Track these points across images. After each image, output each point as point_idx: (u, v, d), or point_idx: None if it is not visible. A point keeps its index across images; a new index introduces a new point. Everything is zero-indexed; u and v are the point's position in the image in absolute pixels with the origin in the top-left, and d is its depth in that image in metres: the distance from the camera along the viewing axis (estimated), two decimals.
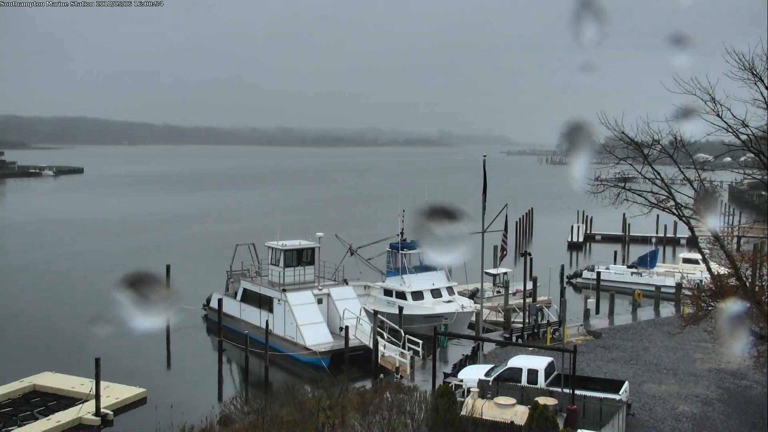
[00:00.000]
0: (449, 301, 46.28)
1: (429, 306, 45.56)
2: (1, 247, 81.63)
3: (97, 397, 31.21)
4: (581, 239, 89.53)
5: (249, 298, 47.17)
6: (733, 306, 25.13)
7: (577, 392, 26.89)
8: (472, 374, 31.01)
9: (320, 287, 45.03)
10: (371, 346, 39.12)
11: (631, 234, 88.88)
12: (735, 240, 46.83)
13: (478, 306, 44.41)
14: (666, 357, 37.48)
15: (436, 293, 47.03)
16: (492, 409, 25.92)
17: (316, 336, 41.65)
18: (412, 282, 47.17)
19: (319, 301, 44.02)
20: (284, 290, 43.79)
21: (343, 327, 40.57)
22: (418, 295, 46.51)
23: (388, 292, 47.88)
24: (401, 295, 46.54)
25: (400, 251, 48.38)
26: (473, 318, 44.95)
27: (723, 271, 29.79)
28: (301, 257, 46.44)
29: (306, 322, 42.16)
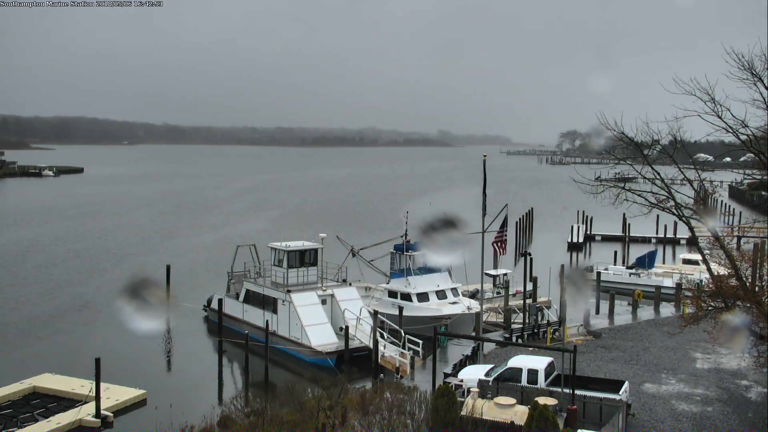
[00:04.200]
0: (454, 303, 46.23)
1: (435, 307, 45.48)
2: (0, 247, 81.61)
3: (97, 398, 31.19)
4: (581, 240, 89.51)
5: (252, 299, 47.15)
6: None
7: (577, 392, 26.91)
8: (472, 374, 31.02)
9: (324, 288, 45.04)
10: (372, 346, 39.14)
11: (631, 234, 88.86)
12: (735, 240, 46.80)
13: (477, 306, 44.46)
14: (666, 357, 37.49)
15: (441, 294, 46.96)
16: (492, 409, 25.93)
17: (321, 336, 41.68)
18: (417, 284, 47.06)
19: (323, 302, 44.03)
20: (288, 291, 43.80)
21: (344, 327, 40.62)
22: (423, 297, 46.40)
23: (392, 294, 47.67)
24: (406, 297, 46.38)
25: (405, 253, 48.28)
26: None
27: (723, 271, 29.81)
28: (304, 258, 46.43)
29: (311, 322, 42.18)
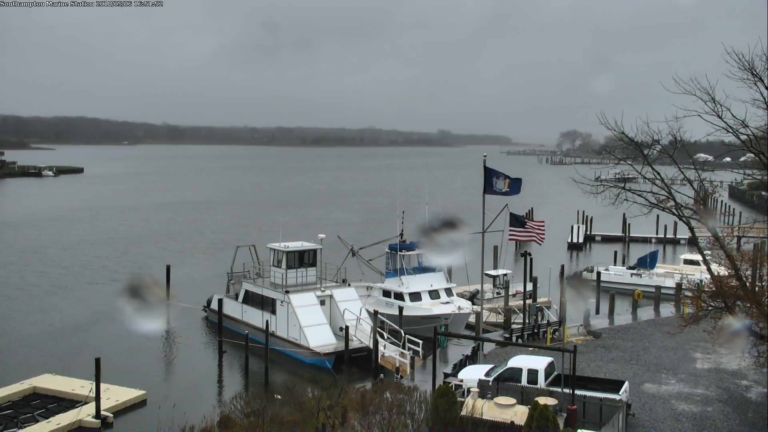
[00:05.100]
0: (447, 303, 46.28)
1: (426, 307, 45.57)
2: (0, 247, 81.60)
3: (97, 398, 31.16)
4: (581, 240, 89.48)
5: (251, 299, 47.13)
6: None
7: (577, 392, 26.90)
8: (472, 374, 31.02)
9: (323, 289, 45.02)
10: (372, 346, 39.16)
11: (631, 235, 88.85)
12: (735, 240, 46.80)
13: (476, 307, 44.46)
14: (666, 357, 37.49)
15: (434, 294, 47.04)
16: (492, 409, 25.92)
17: (319, 337, 41.63)
18: (410, 283, 47.21)
19: (322, 303, 44.00)
20: (287, 292, 43.77)
21: (344, 328, 40.62)
22: (415, 296, 46.56)
23: (386, 293, 47.96)
24: (399, 296, 46.59)
25: (399, 252, 48.42)
26: (471, 319, 45.00)
27: (723, 271, 29.80)
28: (303, 259, 46.40)
29: (309, 323, 42.13)
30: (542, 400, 24.55)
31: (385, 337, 40.45)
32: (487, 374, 30.19)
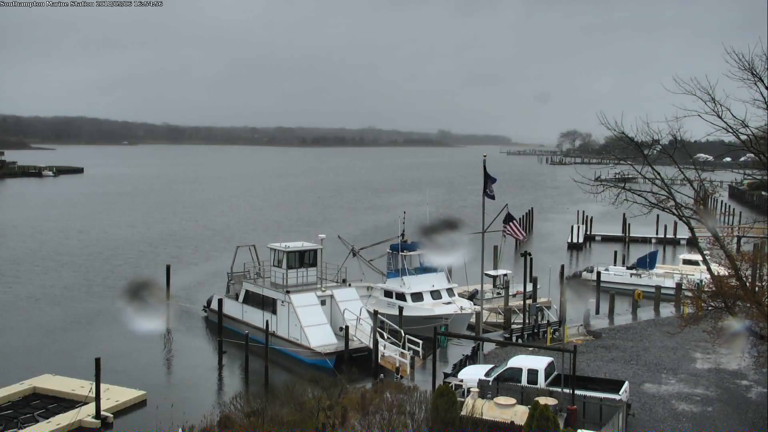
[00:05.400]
0: (448, 303, 46.28)
1: (428, 307, 45.57)
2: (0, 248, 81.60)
3: (97, 398, 31.16)
4: (581, 240, 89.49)
5: (251, 299, 47.13)
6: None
7: (577, 392, 26.92)
8: (472, 374, 31.04)
9: (323, 289, 45.03)
10: (372, 346, 39.17)
11: (631, 235, 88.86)
12: (735, 240, 46.82)
13: (476, 307, 44.47)
14: (666, 357, 37.49)
15: (435, 295, 47.03)
16: (492, 409, 25.93)
17: (320, 337, 41.65)
18: (412, 283, 47.20)
19: (323, 303, 44.02)
20: (288, 292, 43.78)
21: (344, 327, 40.64)
22: (417, 297, 46.55)
23: (388, 294, 47.92)
24: (401, 297, 46.56)
25: (400, 253, 48.41)
26: (472, 319, 44.99)
27: (723, 271, 29.80)
28: (303, 259, 46.41)
29: (310, 323, 42.15)
30: (542, 400, 24.55)
31: (385, 337, 40.46)
32: (487, 374, 30.21)
